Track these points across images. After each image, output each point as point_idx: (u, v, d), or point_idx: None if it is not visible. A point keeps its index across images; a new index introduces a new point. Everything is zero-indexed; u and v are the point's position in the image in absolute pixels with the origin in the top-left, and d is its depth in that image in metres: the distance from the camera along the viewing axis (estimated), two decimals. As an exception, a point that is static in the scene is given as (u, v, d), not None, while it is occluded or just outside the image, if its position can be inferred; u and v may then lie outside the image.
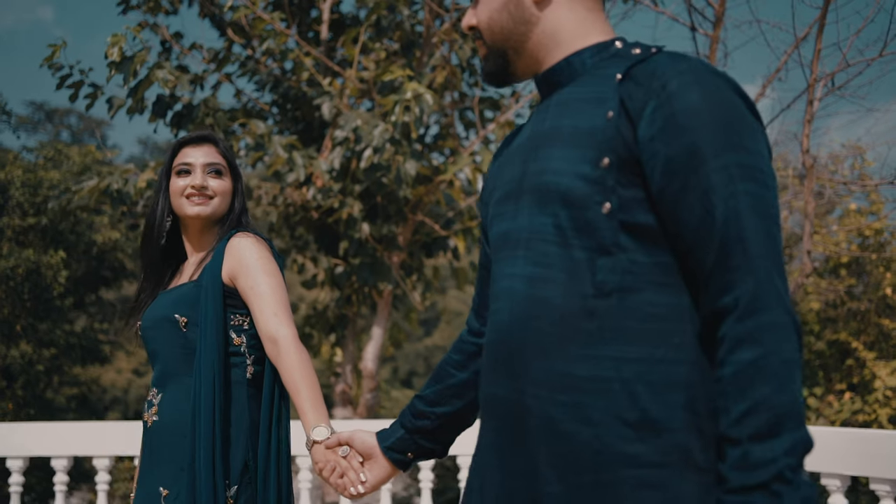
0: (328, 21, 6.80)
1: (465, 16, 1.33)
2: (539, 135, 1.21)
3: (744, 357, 0.99)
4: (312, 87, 6.17)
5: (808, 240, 4.88)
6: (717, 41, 6.02)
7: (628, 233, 1.09)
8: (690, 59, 1.10)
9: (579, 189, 1.11)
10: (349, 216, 5.58)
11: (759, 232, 1.02)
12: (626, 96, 1.10)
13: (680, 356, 1.07)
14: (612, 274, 1.09)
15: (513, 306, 1.16)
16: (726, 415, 1.00)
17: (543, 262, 1.13)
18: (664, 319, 1.07)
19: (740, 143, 1.05)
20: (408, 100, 4.61)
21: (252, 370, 1.92)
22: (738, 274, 1.01)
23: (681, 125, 1.05)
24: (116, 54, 4.48)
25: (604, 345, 1.08)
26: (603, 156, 1.10)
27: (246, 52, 6.78)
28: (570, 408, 1.08)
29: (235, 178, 2.08)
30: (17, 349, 9.09)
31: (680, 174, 1.05)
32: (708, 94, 1.06)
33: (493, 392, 1.18)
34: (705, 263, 1.04)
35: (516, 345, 1.14)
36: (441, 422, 1.54)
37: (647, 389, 1.06)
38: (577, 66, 1.22)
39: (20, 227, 8.79)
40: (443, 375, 1.54)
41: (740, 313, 1.00)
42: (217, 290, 1.90)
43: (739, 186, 1.03)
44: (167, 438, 1.88)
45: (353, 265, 5.87)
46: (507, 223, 1.21)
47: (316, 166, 5.28)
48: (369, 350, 6.17)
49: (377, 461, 1.60)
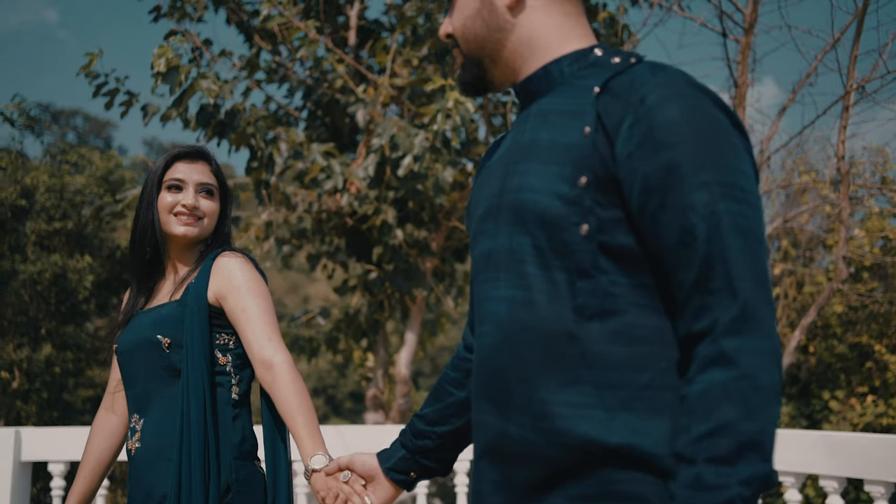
0: (356, 27, 6.84)
1: (443, 24, 1.28)
2: (518, 147, 1.16)
3: (715, 377, 0.94)
4: (344, 94, 6.20)
5: (844, 245, 4.89)
6: (748, 47, 6.05)
7: (608, 255, 1.04)
8: (670, 71, 1.06)
9: (556, 209, 1.06)
10: (383, 222, 5.62)
11: (742, 252, 0.97)
12: (604, 111, 1.06)
13: (666, 382, 1.02)
14: (592, 297, 1.04)
15: (496, 330, 1.12)
16: (686, 433, 0.96)
17: (523, 284, 1.09)
18: (649, 343, 1.03)
19: (721, 160, 1.00)
20: (450, 108, 4.65)
21: (238, 390, 1.88)
22: (719, 296, 0.96)
23: (659, 141, 1.01)
24: (163, 65, 4.52)
25: (586, 370, 1.03)
26: (580, 174, 1.05)
27: (273, 59, 6.83)
28: (549, 433, 1.04)
29: (224, 199, 2.02)
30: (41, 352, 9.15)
31: (658, 192, 1.00)
32: (687, 108, 1.02)
33: (479, 418, 1.15)
34: (685, 285, 0.99)
35: (499, 370, 1.10)
36: (442, 441, 1.51)
37: (632, 417, 1.01)
38: (555, 75, 1.17)
39: (46, 231, 8.85)
40: (442, 394, 1.51)
41: (717, 334, 0.96)
42: (203, 310, 1.84)
43: (721, 205, 0.98)
44: (154, 466, 1.82)
45: (386, 271, 5.91)
46: (489, 242, 1.17)
47: (353, 173, 5.32)
48: (403, 355, 6.21)
49: (380, 483, 1.57)
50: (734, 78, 6.21)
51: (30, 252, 8.96)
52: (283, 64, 6.66)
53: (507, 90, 1.29)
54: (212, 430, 1.79)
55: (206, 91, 4.74)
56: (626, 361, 1.02)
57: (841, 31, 5.73)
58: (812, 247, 9.60)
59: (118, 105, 6.18)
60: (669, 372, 1.02)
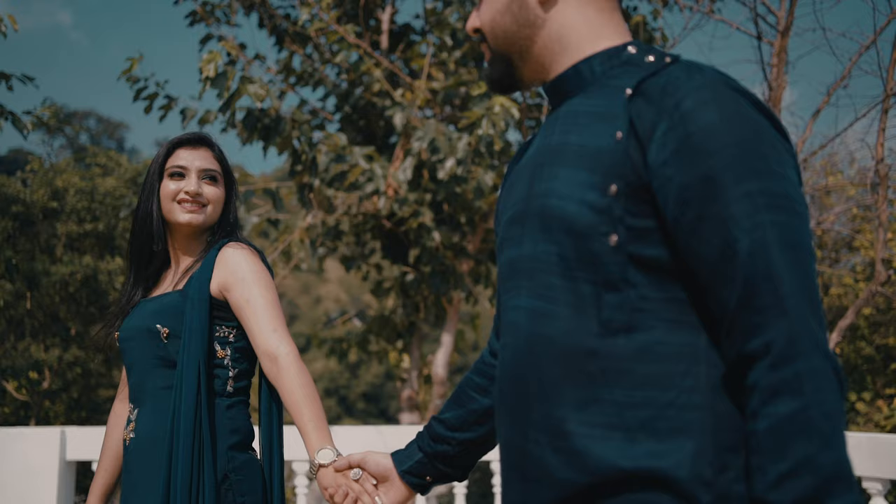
0: (388, 31, 6.90)
1: (470, 18, 1.23)
2: (546, 150, 1.10)
3: (781, 410, 0.88)
4: (381, 98, 6.26)
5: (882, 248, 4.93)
6: (784, 50, 6.08)
7: (638, 267, 0.99)
8: (707, 73, 0.99)
9: (585, 218, 1.00)
10: (420, 224, 5.67)
11: (791, 267, 0.91)
12: (636, 115, 1.00)
13: (691, 401, 0.96)
14: (619, 311, 0.99)
15: (516, 342, 1.07)
16: (762, 476, 0.89)
17: (546, 295, 1.04)
18: (675, 360, 0.97)
19: (765, 168, 0.94)
20: (496, 113, 4.70)
21: (233, 384, 1.84)
22: (768, 316, 0.90)
23: (696, 148, 0.94)
24: (212, 70, 4.59)
25: (606, 388, 0.98)
26: (610, 182, 1.00)
27: (306, 62, 6.89)
28: (566, 455, 0.99)
29: (229, 185, 1.97)
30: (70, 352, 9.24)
31: (696, 203, 0.94)
32: (726, 112, 0.95)
33: (500, 430, 1.11)
34: (728, 303, 0.93)
35: (518, 384, 1.06)
36: (462, 448, 1.45)
37: (652, 437, 0.96)
38: (585, 75, 1.11)
39: (76, 233, 8.93)
40: (464, 399, 1.45)
41: (773, 360, 0.89)
42: (204, 301, 1.80)
43: (765, 216, 0.92)
44: (146, 457, 1.78)
45: (423, 273, 5.96)
46: (514, 250, 1.11)
47: (394, 177, 5.38)
48: (439, 356, 6.27)
49: (394, 484, 1.51)
50: (768, 81, 6.25)
51: (59, 253, 9.05)
52: (315, 67, 6.72)
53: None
54: (206, 420, 1.74)
55: (253, 96, 4.80)
56: (649, 379, 0.97)
57: (876, 32, 5.76)
58: (838, 248, 9.61)
59: (157, 109, 6.27)
60: (696, 390, 0.96)
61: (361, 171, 5.25)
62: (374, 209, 5.78)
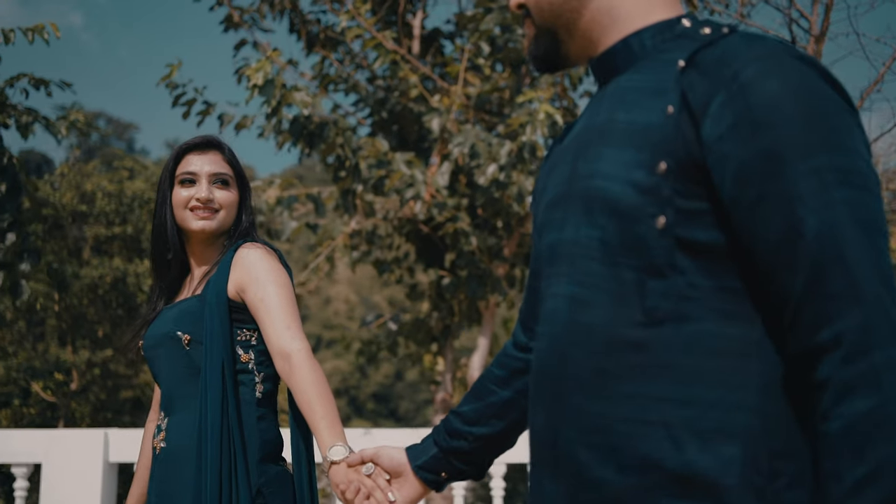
0: (419, 37, 6.96)
1: None
2: (592, 129, 1.04)
3: (857, 407, 0.80)
4: (417, 103, 6.32)
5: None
6: (818, 55, 6.12)
7: (686, 252, 0.91)
8: (769, 42, 0.91)
9: (630, 198, 0.94)
10: (458, 229, 5.73)
11: (864, 249, 0.83)
12: (689, 88, 0.92)
13: (740, 400, 0.89)
14: (664, 299, 0.92)
15: (553, 331, 1.01)
16: (838, 482, 0.81)
17: (587, 281, 0.98)
18: (725, 355, 0.90)
19: (834, 141, 0.86)
20: (540, 119, 4.75)
21: (262, 388, 1.81)
22: (840, 303, 0.82)
23: (757, 122, 0.87)
24: (261, 78, 4.65)
25: (648, 382, 0.91)
26: (659, 159, 0.92)
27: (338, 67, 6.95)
28: (601, 452, 0.93)
29: (242, 187, 1.94)
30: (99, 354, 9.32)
31: (757, 181, 0.87)
32: (791, 82, 0.88)
33: (533, 424, 1.05)
34: (791, 290, 0.85)
35: (553, 375, 1.00)
36: (479, 444, 1.39)
37: (696, 438, 0.89)
38: (635, 49, 1.04)
39: (104, 236, 9.02)
40: (483, 392, 1.39)
41: (846, 352, 0.81)
42: (222, 304, 1.78)
43: (835, 194, 0.84)
44: (176, 467, 1.75)
45: (460, 277, 6.02)
46: (555, 234, 1.06)
47: (434, 182, 5.43)
48: (475, 359, 6.33)
49: (407, 480, 1.45)
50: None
51: (86, 255, 9.14)
52: (349, 73, 6.78)
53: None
54: (236, 431, 1.72)
55: (299, 103, 4.86)
56: (696, 375, 0.90)
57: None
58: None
59: (195, 114, 6.34)
60: (746, 389, 0.89)
61: (401, 176, 5.31)
62: (411, 214, 5.84)
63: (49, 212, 8.59)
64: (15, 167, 6.25)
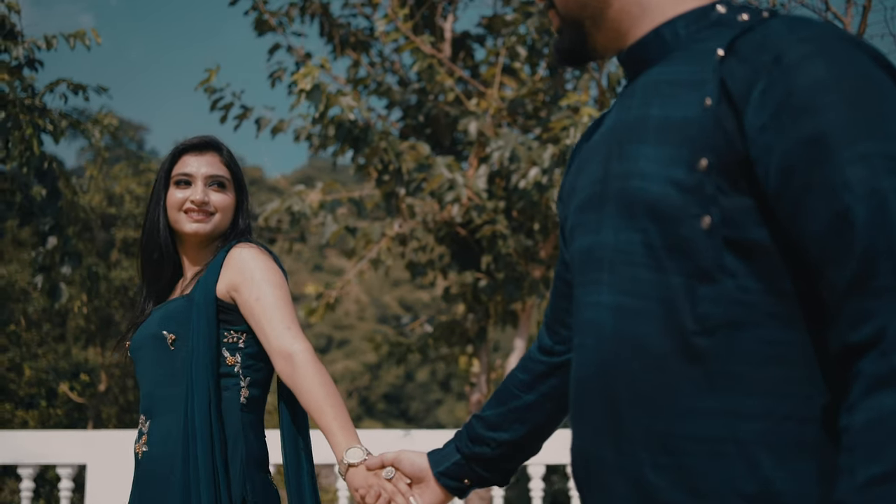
0: (450, 40, 7.01)
1: None
2: (624, 126, 0.98)
3: (886, 402, 0.73)
4: (453, 107, 6.37)
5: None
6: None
7: (735, 252, 0.85)
8: (814, 24, 0.85)
9: (671, 199, 0.88)
10: (495, 231, 5.78)
11: None
12: (729, 76, 0.86)
13: (810, 412, 0.83)
14: (715, 305, 0.86)
15: (600, 344, 0.95)
16: (850, 476, 0.75)
17: (633, 290, 0.92)
18: (788, 363, 0.84)
19: (885, 127, 0.79)
20: (585, 122, 4.80)
21: (247, 394, 1.75)
22: (886, 298, 0.76)
23: (800, 107, 0.81)
24: (308, 84, 4.70)
25: (713, 396, 0.85)
26: (699, 156, 0.87)
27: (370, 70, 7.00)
28: (673, 473, 0.86)
29: (239, 190, 1.89)
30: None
31: (801, 170, 0.81)
32: (838, 64, 0.81)
33: (578, 444, 0.99)
34: (838, 284, 0.79)
35: (605, 392, 0.94)
36: (502, 450, 1.34)
37: (770, 454, 0.83)
38: (668, 39, 0.97)
39: (132, 238, 9.07)
40: (506, 396, 1.34)
41: (886, 347, 0.75)
42: (210, 304, 1.73)
43: (885, 182, 0.77)
44: (158, 472, 1.69)
45: (497, 279, 6.07)
46: (590, 237, 0.99)
47: (474, 186, 5.48)
48: (512, 361, 6.38)
49: (429, 486, 1.41)
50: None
51: (114, 258, 9.20)
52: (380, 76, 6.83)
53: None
54: (218, 438, 1.66)
55: (345, 107, 4.91)
56: (762, 386, 0.84)
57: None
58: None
59: (232, 118, 6.40)
60: (814, 400, 0.84)
61: (441, 180, 5.36)
62: (449, 217, 5.88)
63: (79, 214, 8.66)
64: (55, 172, 6.31)
